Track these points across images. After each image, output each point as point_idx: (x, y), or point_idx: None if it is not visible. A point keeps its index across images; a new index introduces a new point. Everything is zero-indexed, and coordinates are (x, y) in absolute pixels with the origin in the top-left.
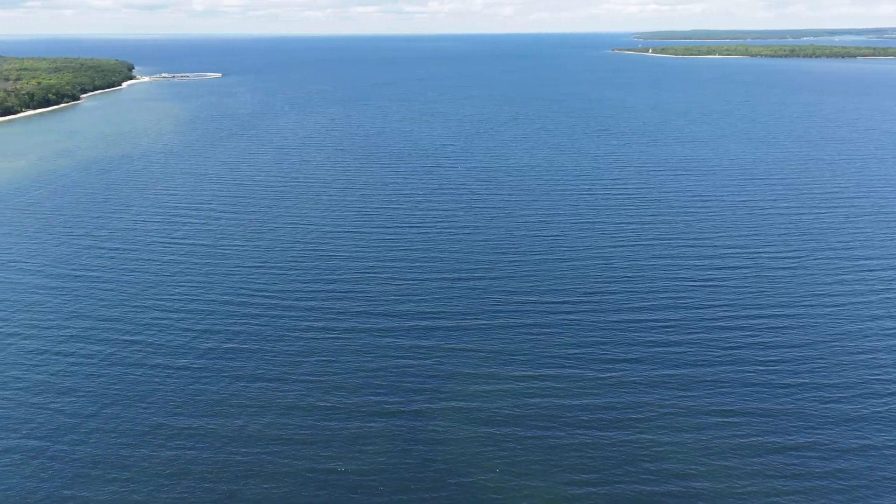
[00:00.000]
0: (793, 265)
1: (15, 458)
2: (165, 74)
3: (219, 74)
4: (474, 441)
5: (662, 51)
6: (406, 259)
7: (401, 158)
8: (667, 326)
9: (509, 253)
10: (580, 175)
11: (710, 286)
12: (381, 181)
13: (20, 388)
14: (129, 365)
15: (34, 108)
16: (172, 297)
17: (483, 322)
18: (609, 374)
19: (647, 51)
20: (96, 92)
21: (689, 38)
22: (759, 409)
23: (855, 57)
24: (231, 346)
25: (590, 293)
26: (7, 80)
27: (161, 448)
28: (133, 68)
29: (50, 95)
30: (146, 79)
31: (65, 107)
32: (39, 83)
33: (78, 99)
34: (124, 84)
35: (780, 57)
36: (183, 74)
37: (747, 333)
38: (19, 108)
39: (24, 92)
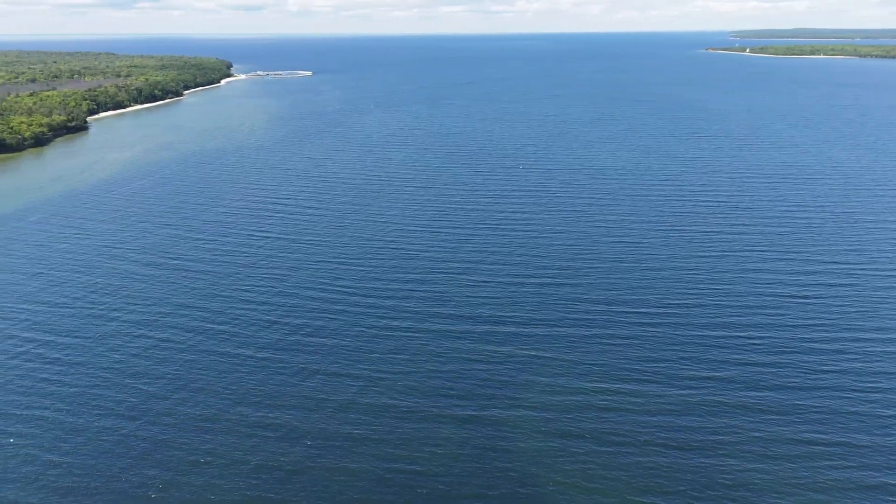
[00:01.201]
0: None
1: (89, 436)
2: (260, 72)
3: (309, 73)
4: (545, 451)
5: (761, 50)
6: (481, 260)
7: (480, 158)
8: (755, 345)
9: (588, 258)
10: (666, 179)
11: (805, 304)
12: (460, 180)
13: (102, 367)
14: (200, 352)
15: (142, 102)
16: (252, 288)
17: (558, 329)
18: (689, 392)
19: (745, 50)
20: (197, 89)
21: (792, 38)
22: (853, 441)
23: None
24: (304, 339)
25: (672, 305)
26: (119, 76)
27: (223, 434)
28: (231, 66)
29: (156, 91)
30: (243, 76)
31: (169, 102)
32: (147, 80)
33: (181, 95)
34: (223, 81)
35: (894, 58)
36: (276, 72)
37: (843, 357)
38: (129, 103)
39: (133, 88)
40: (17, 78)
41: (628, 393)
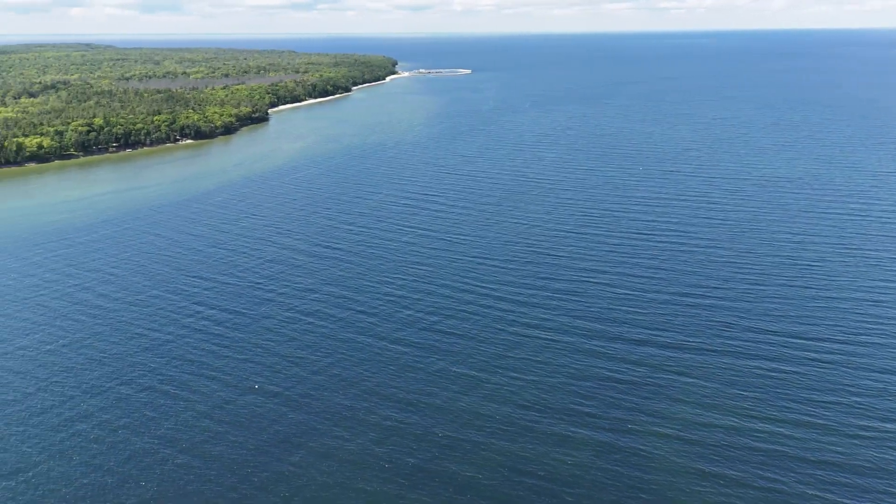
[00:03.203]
0: None
1: (240, 407)
2: (422, 70)
3: (469, 71)
4: (685, 488)
5: None
6: (629, 272)
7: (636, 161)
8: None
9: (750, 275)
10: (851, 194)
11: None
12: (612, 183)
13: (255, 343)
14: (342, 340)
15: (315, 97)
16: (395, 281)
17: (710, 355)
18: (859, 443)
19: None
20: (364, 85)
21: None
22: None
23: None
24: (439, 336)
25: (847, 338)
26: (297, 72)
27: (358, 423)
28: (396, 64)
29: (328, 87)
30: (406, 74)
31: (338, 97)
32: (321, 76)
33: (349, 90)
34: (388, 78)
35: None
36: (437, 70)
37: None
38: (304, 97)
39: (308, 83)
40: (213, 73)
41: (786, 435)
